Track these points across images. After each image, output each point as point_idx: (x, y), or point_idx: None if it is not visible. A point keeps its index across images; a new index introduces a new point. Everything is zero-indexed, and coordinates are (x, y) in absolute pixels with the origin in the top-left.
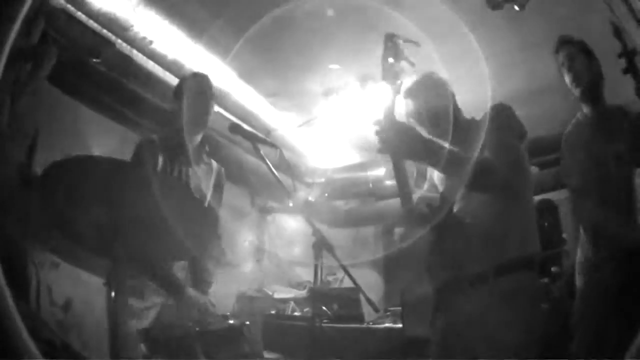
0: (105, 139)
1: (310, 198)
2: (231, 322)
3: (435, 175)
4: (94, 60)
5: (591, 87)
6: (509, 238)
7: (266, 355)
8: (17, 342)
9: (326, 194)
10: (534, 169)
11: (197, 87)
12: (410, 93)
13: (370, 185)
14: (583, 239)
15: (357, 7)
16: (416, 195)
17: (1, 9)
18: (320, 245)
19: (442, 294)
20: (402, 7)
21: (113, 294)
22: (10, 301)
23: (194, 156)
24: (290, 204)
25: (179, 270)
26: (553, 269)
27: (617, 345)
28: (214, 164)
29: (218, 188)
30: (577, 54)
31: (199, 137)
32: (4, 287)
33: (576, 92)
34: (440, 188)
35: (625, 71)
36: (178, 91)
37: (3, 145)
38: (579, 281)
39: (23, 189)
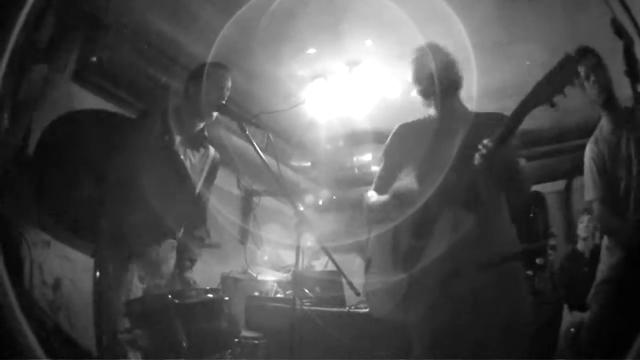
0: None
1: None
2: (210, 296)
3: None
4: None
5: (612, 95)
6: (497, 235)
7: (247, 334)
8: (14, 325)
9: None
10: (522, 161)
11: (219, 80)
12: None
13: (356, 170)
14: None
15: None
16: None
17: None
18: (303, 227)
19: (446, 281)
20: None
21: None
22: (7, 283)
23: (193, 140)
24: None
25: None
26: (538, 260)
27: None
28: (211, 150)
29: (211, 174)
30: (598, 65)
31: (201, 124)
32: (2, 270)
33: (599, 101)
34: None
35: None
36: (198, 74)
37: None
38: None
39: (18, 170)
